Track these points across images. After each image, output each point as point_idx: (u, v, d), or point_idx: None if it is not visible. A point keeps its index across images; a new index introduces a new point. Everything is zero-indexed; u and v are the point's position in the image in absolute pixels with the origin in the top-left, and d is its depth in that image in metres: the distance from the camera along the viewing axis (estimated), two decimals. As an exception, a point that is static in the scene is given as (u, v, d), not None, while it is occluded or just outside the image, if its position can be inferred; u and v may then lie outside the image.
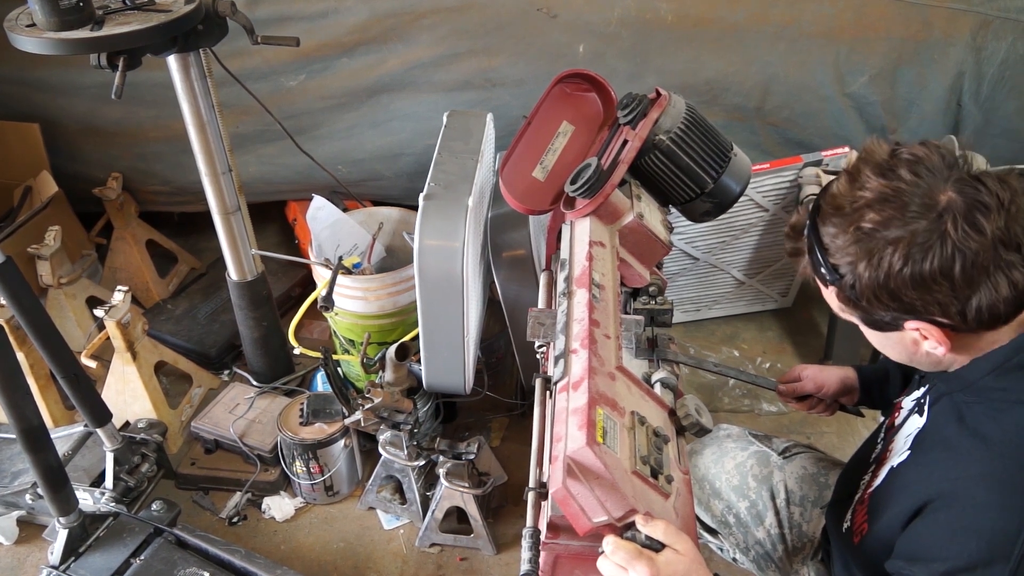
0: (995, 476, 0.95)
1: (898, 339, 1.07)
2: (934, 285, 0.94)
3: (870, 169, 1.00)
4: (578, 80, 1.84)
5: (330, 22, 2.54)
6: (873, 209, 0.97)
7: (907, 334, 1.04)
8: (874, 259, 0.97)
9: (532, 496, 1.25)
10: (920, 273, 0.94)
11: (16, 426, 1.69)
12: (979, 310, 0.95)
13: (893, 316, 1.02)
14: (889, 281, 0.96)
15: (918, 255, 0.93)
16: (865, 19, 2.42)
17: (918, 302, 0.97)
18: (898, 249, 0.95)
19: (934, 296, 0.95)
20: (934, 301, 0.96)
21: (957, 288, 0.94)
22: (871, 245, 0.97)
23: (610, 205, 1.57)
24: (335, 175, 2.65)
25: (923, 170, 0.96)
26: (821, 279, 1.08)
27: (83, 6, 1.66)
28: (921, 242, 0.93)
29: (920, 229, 0.94)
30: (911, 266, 0.94)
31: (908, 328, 1.02)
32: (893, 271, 0.95)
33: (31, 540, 2.18)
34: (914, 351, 1.07)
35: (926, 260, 0.93)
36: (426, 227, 1.74)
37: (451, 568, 2.10)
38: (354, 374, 2.48)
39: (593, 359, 1.23)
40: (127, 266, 2.95)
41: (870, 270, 0.97)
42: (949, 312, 0.97)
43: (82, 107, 2.80)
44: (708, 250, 2.65)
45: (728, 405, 2.59)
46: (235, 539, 2.14)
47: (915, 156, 0.98)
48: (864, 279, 0.99)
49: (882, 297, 0.99)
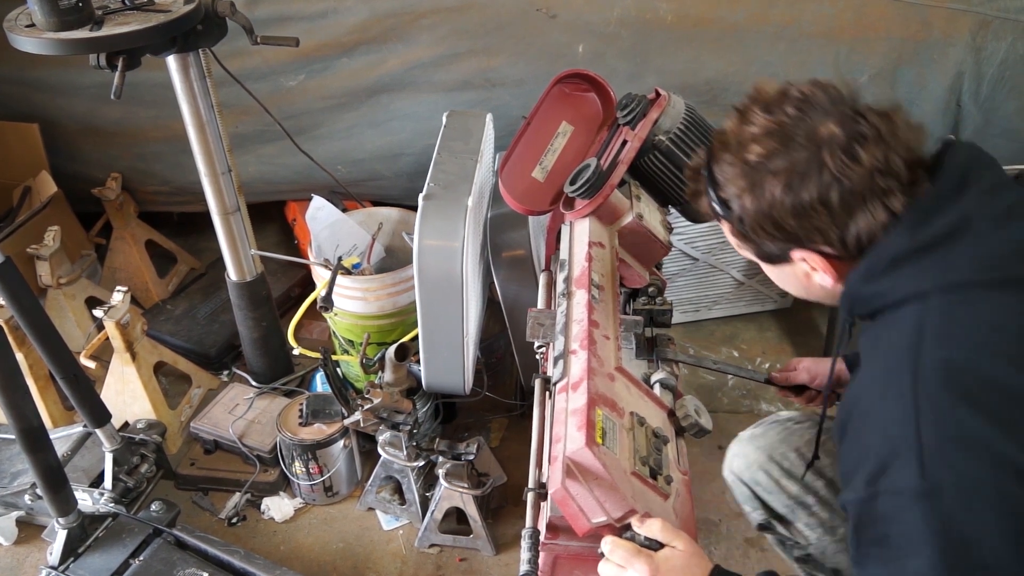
0: (879, 376, 0.98)
1: (791, 272, 1.11)
2: (813, 213, 0.98)
3: (758, 107, 1.05)
4: (577, 80, 1.84)
5: (330, 22, 2.54)
6: (758, 143, 1.01)
7: (797, 266, 1.08)
8: (757, 190, 1.01)
9: (531, 497, 1.25)
10: (800, 202, 0.98)
11: (15, 426, 1.69)
12: (858, 237, 0.99)
13: (780, 247, 1.06)
14: (772, 210, 1.01)
15: (797, 184, 0.98)
16: (865, 19, 2.42)
17: (800, 231, 1.01)
18: (779, 179, 0.99)
19: (814, 224, 0.99)
20: (815, 229, 1.00)
21: (836, 216, 0.98)
22: (756, 177, 1.02)
23: (609, 205, 1.57)
24: (335, 175, 2.65)
25: (808, 107, 1.01)
26: (716, 215, 1.13)
27: (82, 6, 1.66)
28: (801, 171, 0.97)
29: (800, 159, 0.98)
30: (791, 195, 0.98)
31: (796, 259, 1.06)
32: (775, 200, 1.00)
33: (30, 540, 2.18)
34: (807, 284, 1.11)
35: (804, 189, 0.97)
36: (426, 227, 1.74)
37: (450, 569, 2.10)
38: (353, 375, 2.48)
39: (592, 360, 1.23)
40: (126, 266, 2.94)
41: (754, 201, 1.02)
42: (830, 239, 1.01)
43: (81, 107, 2.80)
44: (708, 250, 2.65)
45: (728, 405, 2.59)
46: (234, 540, 2.14)
47: (802, 94, 1.03)
48: (750, 210, 1.03)
49: (766, 226, 1.03)
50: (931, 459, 0.88)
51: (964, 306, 0.93)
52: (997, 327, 0.92)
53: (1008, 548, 0.84)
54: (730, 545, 2.14)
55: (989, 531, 0.84)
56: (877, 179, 0.96)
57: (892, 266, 0.97)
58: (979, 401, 0.88)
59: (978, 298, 0.93)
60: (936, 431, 0.89)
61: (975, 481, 0.86)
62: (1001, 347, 0.91)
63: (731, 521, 2.20)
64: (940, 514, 0.86)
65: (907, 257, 0.96)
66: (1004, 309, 0.92)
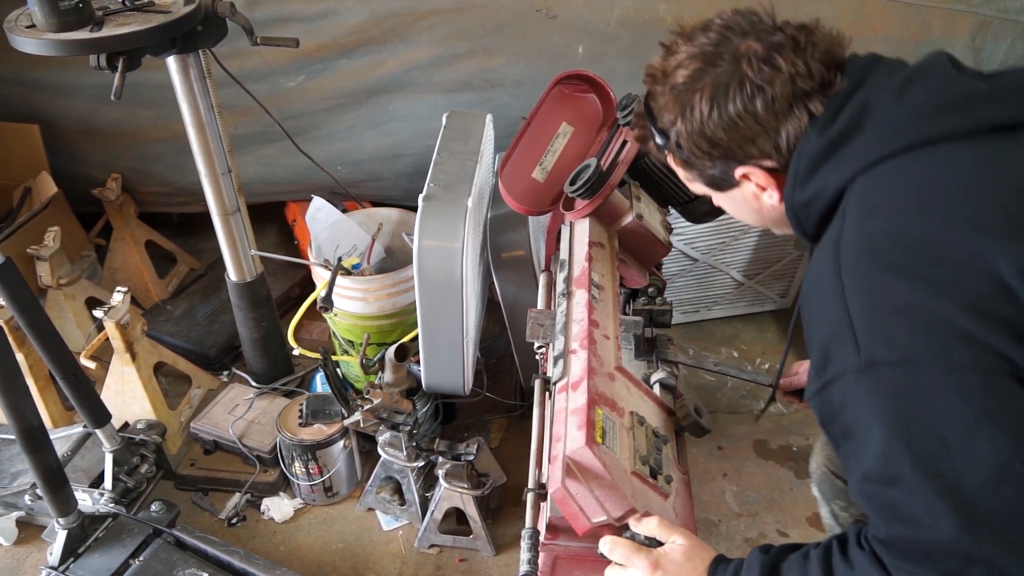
0: (813, 274, 0.99)
1: (741, 197, 1.11)
2: (742, 123, 1.00)
3: (682, 39, 1.07)
4: (577, 81, 1.84)
5: (329, 23, 2.54)
6: (683, 67, 1.04)
7: (745, 188, 1.09)
8: (687, 111, 1.03)
9: (531, 497, 1.25)
10: (727, 114, 1.00)
11: (15, 427, 1.69)
12: (788, 143, 1.00)
13: (722, 169, 1.07)
14: (703, 128, 1.02)
15: (722, 98, 1.00)
16: (864, 20, 2.42)
17: (733, 144, 1.02)
18: (705, 96, 1.01)
19: (744, 135, 1.01)
20: (746, 140, 1.01)
21: (763, 123, 0.99)
22: (684, 99, 1.03)
23: (609, 206, 1.57)
24: (334, 176, 2.65)
25: (728, 31, 1.04)
26: (660, 150, 1.14)
27: (83, 7, 1.66)
28: (724, 85, 1.00)
29: (722, 74, 1.00)
30: (717, 109, 1.00)
31: (739, 177, 1.07)
32: (704, 118, 1.02)
33: (30, 541, 2.18)
34: (760, 207, 1.11)
35: (730, 102, 0.99)
36: (425, 228, 1.74)
37: (450, 569, 2.10)
38: (353, 375, 2.48)
39: (592, 359, 1.23)
40: (126, 267, 2.95)
41: (686, 122, 1.04)
42: (765, 149, 1.02)
43: (81, 108, 2.80)
44: (707, 251, 2.65)
45: (727, 406, 2.59)
46: (234, 540, 2.14)
47: (723, 20, 1.05)
48: (683, 132, 1.05)
49: (702, 145, 1.04)
50: (862, 333, 0.87)
51: (878, 181, 0.94)
52: (911, 191, 0.92)
53: (960, 408, 0.82)
54: (730, 545, 2.15)
55: (938, 396, 0.83)
56: (798, 83, 0.97)
57: (814, 167, 0.99)
58: (902, 266, 0.88)
59: (890, 170, 0.94)
60: (861, 304, 0.89)
61: (910, 348, 0.85)
62: (918, 208, 0.90)
63: (731, 521, 2.20)
64: (883, 387, 0.86)
65: (824, 155, 0.98)
66: (915, 172, 0.92)
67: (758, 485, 2.32)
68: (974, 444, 0.81)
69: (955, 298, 0.84)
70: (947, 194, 0.90)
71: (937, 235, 0.88)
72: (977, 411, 0.82)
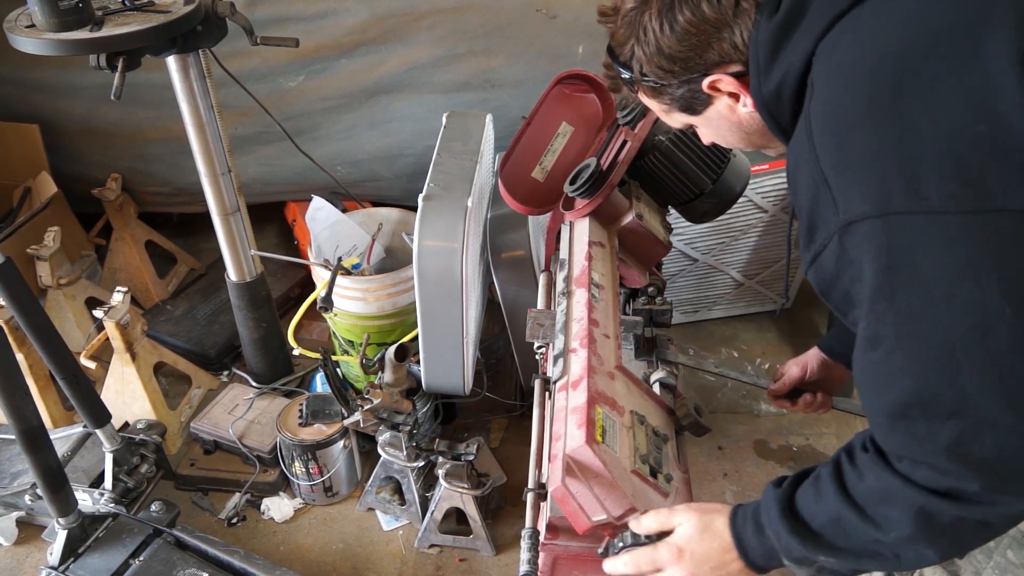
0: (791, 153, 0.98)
1: (718, 115, 1.10)
2: (694, 30, 1.01)
3: None
4: (577, 81, 1.84)
5: (329, 23, 2.54)
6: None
7: (720, 104, 1.08)
8: (642, 35, 1.05)
9: (531, 497, 1.25)
10: (679, 26, 1.01)
11: (15, 427, 1.69)
12: (743, 36, 1.00)
13: (688, 87, 1.06)
14: (659, 46, 1.03)
15: (668, 12, 1.01)
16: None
17: (693, 54, 1.03)
18: (653, 15, 1.03)
19: (699, 42, 1.01)
20: (703, 46, 1.02)
21: (715, 24, 1.00)
22: (636, 25, 1.05)
23: (609, 205, 1.57)
24: (334, 176, 2.65)
25: None
26: (629, 86, 1.14)
27: (82, 7, 1.66)
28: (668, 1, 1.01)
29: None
30: (668, 24, 1.02)
31: (708, 89, 1.06)
32: (657, 35, 1.03)
33: (30, 541, 2.18)
34: (738, 121, 1.10)
35: (678, 12, 1.01)
36: (425, 228, 1.74)
37: (450, 569, 2.10)
38: (353, 375, 2.48)
39: (592, 358, 1.23)
40: (126, 267, 2.95)
41: (641, 46, 1.05)
42: (724, 50, 1.01)
43: (81, 108, 2.80)
44: (707, 251, 2.66)
45: (727, 406, 2.59)
46: (234, 540, 2.14)
47: None
48: (643, 58, 1.06)
49: (663, 64, 1.05)
50: (839, 191, 0.85)
51: (835, 41, 0.92)
52: (872, 37, 0.89)
53: (942, 254, 0.78)
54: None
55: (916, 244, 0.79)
56: None
57: (773, 52, 0.97)
58: (865, 114, 0.85)
59: (844, 28, 0.91)
60: (834, 163, 0.87)
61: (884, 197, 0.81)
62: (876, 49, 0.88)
63: (731, 521, 2.20)
64: (864, 243, 0.83)
65: (779, 36, 0.96)
66: (867, 19, 0.90)
67: (758, 485, 2.32)
68: (959, 292, 0.78)
69: (927, 133, 0.80)
70: (903, 25, 0.87)
71: (898, 67, 0.85)
72: (960, 257, 0.78)
